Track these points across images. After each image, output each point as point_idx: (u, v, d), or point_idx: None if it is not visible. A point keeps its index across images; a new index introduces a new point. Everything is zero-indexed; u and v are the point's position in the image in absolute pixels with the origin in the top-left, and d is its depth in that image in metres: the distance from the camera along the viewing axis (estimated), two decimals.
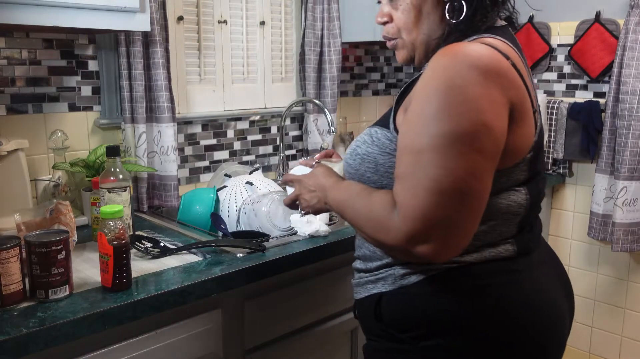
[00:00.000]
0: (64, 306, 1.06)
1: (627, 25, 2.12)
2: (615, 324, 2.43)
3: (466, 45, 0.87)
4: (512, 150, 0.88)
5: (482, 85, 0.82)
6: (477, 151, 0.82)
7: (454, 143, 0.82)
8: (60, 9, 1.30)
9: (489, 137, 0.83)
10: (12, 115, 1.58)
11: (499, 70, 0.84)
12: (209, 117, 2.04)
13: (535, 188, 0.96)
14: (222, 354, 1.30)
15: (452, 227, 0.83)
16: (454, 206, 0.82)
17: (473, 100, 0.82)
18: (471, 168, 0.82)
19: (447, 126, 0.82)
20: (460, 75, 0.83)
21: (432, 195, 0.82)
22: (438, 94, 0.83)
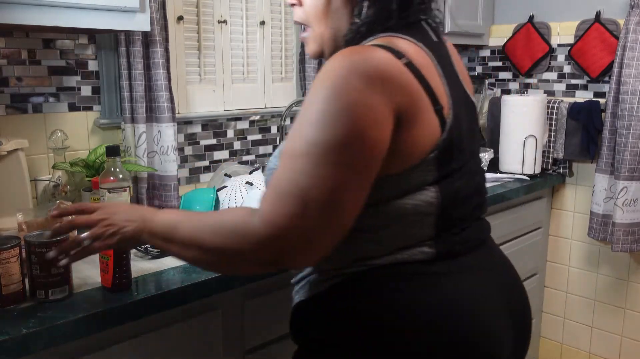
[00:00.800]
0: (63, 306, 1.06)
1: (627, 25, 2.12)
2: (615, 324, 2.43)
3: (355, 50, 0.85)
4: (405, 153, 0.85)
5: (362, 92, 0.80)
6: (348, 164, 0.80)
7: (327, 153, 0.79)
8: (60, 9, 1.30)
9: (362, 149, 0.80)
10: (12, 115, 1.58)
11: (383, 74, 0.82)
12: (209, 117, 2.04)
13: (451, 186, 0.90)
14: (222, 354, 1.30)
15: (311, 238, 0.80)
16: (315, 218, 0.79)
17: (350, 109, 0.79)
18: (340, 181, 0.79)
19: (322, 134, 0.79)
20: (342, 81, 0.80)
21: (297, 203, 0.79)
22: (319, 100, 0.81)
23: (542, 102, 2.30)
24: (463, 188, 0.93)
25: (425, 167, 0.87)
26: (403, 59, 0.85)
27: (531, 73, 2.53)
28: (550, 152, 2.41)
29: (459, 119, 0.92)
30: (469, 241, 0.95)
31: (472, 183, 0.96)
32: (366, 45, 0.88)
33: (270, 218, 0.80)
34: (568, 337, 2.57)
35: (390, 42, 0.88)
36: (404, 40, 0.89)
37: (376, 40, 0.89)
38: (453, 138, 0.89)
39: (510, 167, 2.33)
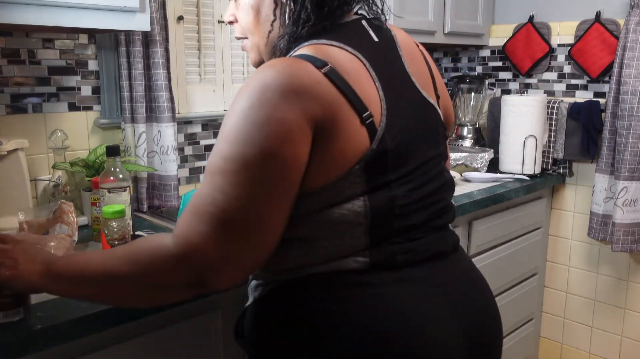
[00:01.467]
0: (64, 306, 1.06)
1: (628, 25, 2.12)
2: (615, 324, 2.43)
3: (272, 63, 0.82)
4: (330, 165, 0.82)
5: (275, 106, 0.78)
6: (262, 180, 0.78)
7: (241, 170, 0.78)
8: (60, 9, 1.30)
9: (276, 166, 0.78)
10: (12, 115, 1.58)
11: (297, 87, 0.79)
12: (209, 117, 2.04)
13: (384, 196, 0.86)
14: (222, 354, 1.30)
15: (228, 255, 0.78)
16: (231, 235, 0.77)
17: (263, 124, 0.77)
18: (255, 198, 0.78)
19: (236, 150, 0.78)
20: (257, 95, 0.79)
21: (211, 220, 0.77)
22: (235, 113, 0.80)
23: (542, 102, 2.30)
24: (406, 197, 0.89)
25: (352, 179, 0.84)
26: (324, 68, 0.82)
27: (531, 74, 2.53)
28: (550, 152, 2.41)
29: (400, 126, 0.87)
30: (417, 251, 0.91)
31: (422, 191, 0.91)
32: (286, 57, 0.86)
33: (185, 237, 0.78)
34: (568, 337, 2.57)
35: (315, 50, 0.85)
36: (330, 47, 0.86)
37: (302, 49, 0.87)
38: (387, 147, 0.85)
39: (510, 167, 2.33)
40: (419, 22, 2.27)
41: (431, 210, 0.94)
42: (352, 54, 0.87)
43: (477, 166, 2.30)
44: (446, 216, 0.98)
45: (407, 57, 0.98)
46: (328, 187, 0.84)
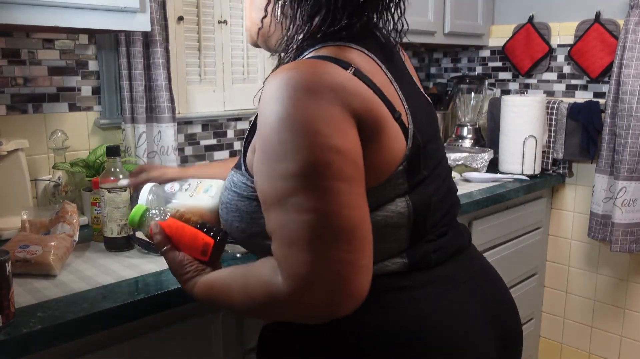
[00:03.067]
0: (64, 306, 1.06)
1: (627, 25, 2.12)
2: (615, 324, 2.43)
3: (291, 68, 0.77)
4: (378, 165, 0.80)
5: (314, 106, 0.73)
6: (337, 179, 0.73)
7: (311, 180, 0.72)
8: (60, 9, 1.30)
9: (343, 160, 0.73)
10: (12, 115, 1.58)
11: (331, 84, 0.75)
12: (209, 117, 2.04)
13: (422, 194, 0.86)
14: (222, 354, 1.30)
15: (347, 269, 0.72)
16: (339, 247, 0.72)
17: (311, 126, 0.72)
18: (340, 199, 0.72)
19: (296, 164, 0.72)
20: (288, 102, 0.73)
21: (311, 243, 0.71)
22: (274, 131, 0.74)
23: (542, 102, 2.30)
24: (435, 194, 0.89)
25: (396, 180, 0.83)
26: (350, 69, 0.80)
27: (531, 74, 2.53)
28: (550, 152, 2.41)
29: (420, 123, 0.87)
30: (445, 248, 0.91)
31: (443, 187, 0.92)
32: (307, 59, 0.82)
33: (293, 274, 0.73)
34: (568, 337, 2.57)
35: (335, 52, 0.83)
36: (349, 49, 0.84)
37: (320, 51, 0.84)
38: (418, 145, 0.85)
39: (510, 167, 2.33)
40: (419, 22, 2.27)
41: (450, 203, 0.94)
42: (368, 55, 0.86)
43: (477, 166, 2.30)
44: (457, 208, 0.99)
45: (406, 59, 1.00)
46: (376, 188, 0.81)
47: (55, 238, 1.26)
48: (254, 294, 0.79)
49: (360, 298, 0.74)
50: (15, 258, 1.18)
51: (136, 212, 0.98)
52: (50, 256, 1.19)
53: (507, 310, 0.99)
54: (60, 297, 1.10)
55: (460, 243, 0.95)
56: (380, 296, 0.84)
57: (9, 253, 1.00)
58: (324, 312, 0.74)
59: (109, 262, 1.30)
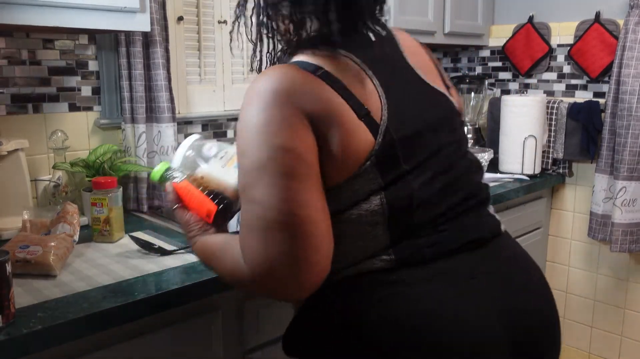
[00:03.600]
0: (64, 306, 1.06)
1: (627, 25, 2.12)
2: (615, 324, 2.43)
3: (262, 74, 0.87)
4: (339, 161, 0.84)
5: (269, 109, 0.82)
6: (285, 176, 0.79)
7: (261, 176, 0.80)
8: (60, 9, 1.30)
9: (292, 158, 0.80)
10: (12, 115, 1.58)
11: (287, 89, 0.83)
12: (209, 117, 2.04)
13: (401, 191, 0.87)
14: (222, 354, 1.30)
15: (295, 261, 0.79)
16: (286, 240, 0.79)
17: (262, 127, 0.81)
18: (287, 196, 0.79)
19: (250, 160, 0.82)
20: (251, 106, 0.84)
21: (261, 233, 0.80)
22: (242, 131, 0.85)
23: (541, 102, 2.30)
24: (425, 187, 0.89)
25: (366, 176, 0.86)
26: (318, 72, 0.86)
27: (531, 74, 2.53)
28: (550, 152, 2.41)
29: (403, 117, 0.89)
30: (446, 243, 0.89)
31: (443, 179, 0.91)
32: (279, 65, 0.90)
33: (249, 257, 0.82)
34: (568, 337, 2.57)
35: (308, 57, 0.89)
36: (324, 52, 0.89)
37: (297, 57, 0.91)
38: (393, 139, 0.86)
39: (510, 167, 2.33)
40: (419, 22, 2.27)
41: (459, 196, 0.93)
42: (346, 56, 0.90)
43: None
44: (477, 199, 0.96)
45: (409, 52, 0.99)
46: (344, 185, 0.86)
47: (55, 238, 1.26)
48: (227, 268, 0.90)
49: (312, 288, 0.82)
50: (15, 258, 1.18)
51: (160, 169, 1.09)
52: (50, 256, 1.20)
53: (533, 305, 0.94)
54: (60, 297, 1.10)
55: (475, 236, 0.92)
56: (373, 291, 0.87)
57: (9, 253, 1.01)
58: (280, 296, 0.86)
59: (109, 262, 1.30)
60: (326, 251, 0.82)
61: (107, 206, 1.44)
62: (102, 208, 1.43)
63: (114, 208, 1.45)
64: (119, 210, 1.48)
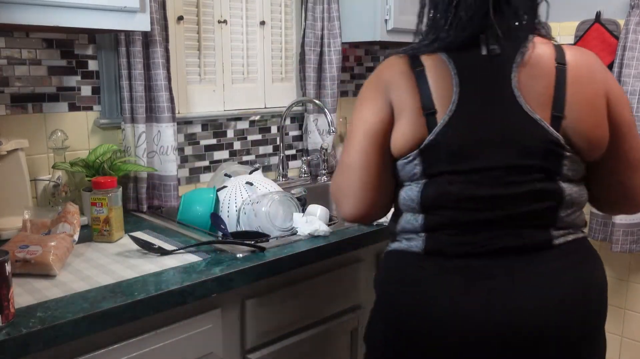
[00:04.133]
0: (64, 306, 1.06)
1: (628, 25, 2.12)
2: (615, 324, 2.43)
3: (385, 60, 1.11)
4: (398, 139, 1.04)
5: (368, 90, 1.10)
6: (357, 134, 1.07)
7: (348, 134, 1.11)
8: (60, 9, 1.30)
9: (365, 125, 1.07)
10: (12, 115, 1.58)
11: (383, 77, 1.08)
12: (209, 117, 2.04)
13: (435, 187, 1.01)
14: (222, 354, 1.30)
15: (343, 192, 1.10)
16: (342, 173, 1.11)
17: (360, 101, 1.10)
18: (355, 148, 1.07)
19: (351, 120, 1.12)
20: (364, 84, 1.12)
21: (339, 171, 1.13)
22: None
23: None
24: (461, 193, 0.99)
25: (413, 160, 1.03)
26: (417, 68, 1.04)
27: None
28: None
29: (469, 128, 1.00)
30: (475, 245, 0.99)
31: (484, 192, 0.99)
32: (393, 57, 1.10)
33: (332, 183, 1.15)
34: None
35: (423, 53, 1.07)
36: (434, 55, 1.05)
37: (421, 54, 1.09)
38: (443, 142, 0.99)
39: None
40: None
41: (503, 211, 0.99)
42: (446, 64, 1.03)
43: None
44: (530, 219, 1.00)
45: (525, 75, 1.01)
46: (401, 163, 1.05)
47: (55, 238, 1.26)
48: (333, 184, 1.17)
49: (348, 217, 1.11)
50: (15, 258, 1.18)
51: None
52: (49, 256, 1.19)
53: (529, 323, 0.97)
54: (60, 297, 1.10)
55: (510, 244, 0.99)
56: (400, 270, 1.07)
57: (9, 253, 1.01)
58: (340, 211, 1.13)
59: (109, 262, 1.30)
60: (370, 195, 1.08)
61: (106, 206, 1.43)
62: (102, 208, 1.43)
63: (114, 208, 1.45)
64: (119, 210, 1.48)
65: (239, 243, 1.41)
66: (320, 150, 2.28)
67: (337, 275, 1.53)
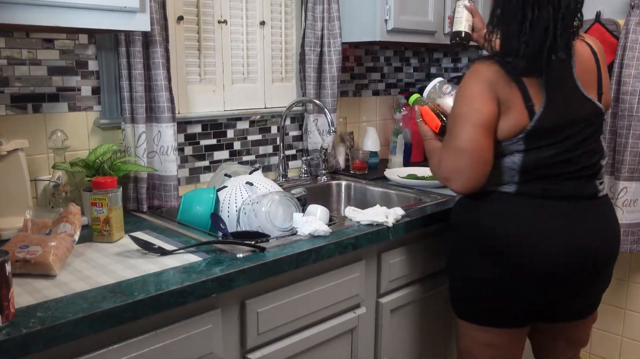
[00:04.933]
0: (64, 306, 1.06)
1: (628, 25, 2.12)
2: (615, 324, 2.43)
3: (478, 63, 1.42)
4: (503, 129, 1.39)
5: (474, 85, 1.39)
6: (470, 123, 1.38)
7: (458, 118, 1.41)
8: (60, 9, 1.30)
9: (477, 114, 1.37)
10: (12, 115, 1.58)
11: (486, 75, 1.38)
12: (209, 117, 2.04)
13: (535, 156, 1.39)
14: (222, 354, 1.30)
15: (459, 171, 1.42)
16: (461, 161, 1.41)
17: (467, 96, 1.41)
18: (466, 134, 1.39)
19: (458, 110, 1.42)
20: (467, 81, 1.42)
21: (451, 153, 1.44)
22: (460, 89, 1.44)
23: None
24: (551, 157, 1.39)
25: (516, 142, 1.39)
26: (514, 73, 1.36)
27: None
28: None
29: (554, 114, 1.36)
30: (554, 190, 1.40)
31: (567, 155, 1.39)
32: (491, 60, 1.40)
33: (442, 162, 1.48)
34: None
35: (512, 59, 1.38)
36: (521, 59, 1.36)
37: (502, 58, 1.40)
38: (541, 126, 1.36)
39: None
40: (419, 22, 2.27)
41: (575, 167, 1.41)
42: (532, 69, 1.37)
43: None
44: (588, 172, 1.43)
45: (580, 67, 1.43)
46: (504, 143, 1.40)
47: (55, 238, 1.26)
48: (433, 163, 1.56)
49: (462, 191, 1.47)
50: (15, 258, 1.18)
51: (413, 97, 1.76)
52: (50, 256, 1.19)
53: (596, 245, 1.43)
54: (60, 297, 1.10)
55: (576, 192, 1.42)
56: (496, 201, 1.45)
57: (9, 253, 1.01)
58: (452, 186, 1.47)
59: (109, 262, 1.30)
60: (480, 173, 1.41)
61: (106, 206, 1.43)
62: (102, 208, 1.43)
63: (114, 208, 1.45)
64: (119, 210, 1.48)
65: (239, 243, 1.41)
66: (320, 150, 2.28)
67: (337, 275, 1.53)
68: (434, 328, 1.93)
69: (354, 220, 1.63)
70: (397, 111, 2.60)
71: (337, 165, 2.42)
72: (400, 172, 2.27)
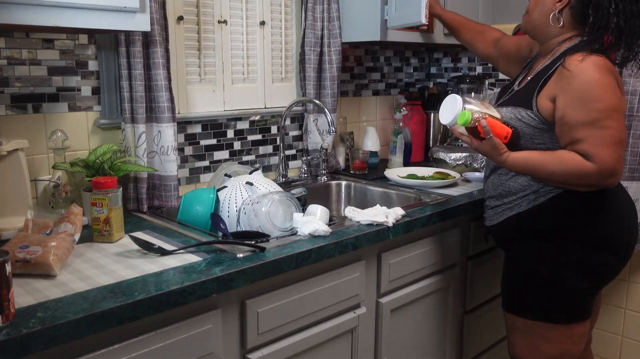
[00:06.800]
0: (64, 306, 1.06)
1: None
2: (615, 324, 2.43)
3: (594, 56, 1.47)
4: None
5: (608, 78, 1.46)
6: (621, 114, 1.47)
7: (613, 112, 1.45)
8: (60, 9, 1.30)
9: (622, 105, 1.49)
10: (12, 115, 1.58)
11: (612, 69, 1.48)
12: (209, 117, 2.04)
13: None
14: (222, 354, 1.30)
15: (622, 163, 1.48)
16: (622, 151, 1.46)
17: (609, 87, 1.46)
18: (622, 126, 1.47)
19: (606, 104, 1.44)
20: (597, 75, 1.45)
21: (614, 145, 1.45)
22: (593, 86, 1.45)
23: None
24: None
25: None
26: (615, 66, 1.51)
27: None
28: None
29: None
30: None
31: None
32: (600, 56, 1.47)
33: (605, 159, 1.44)
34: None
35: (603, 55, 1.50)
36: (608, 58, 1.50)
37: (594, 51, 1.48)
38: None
39: None
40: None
41: None
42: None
43: (477, 166, 2.30)
44: None
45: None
46: None
47: (55, 238, 1.26)
48: (568, 165, 1.49)
49: (616, 182, 1.51)
50: (15, 258, 1.18)
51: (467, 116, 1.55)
52: (50, 257, 1.19)
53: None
54: (60, 297, 1.10)
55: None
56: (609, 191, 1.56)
57: (9, 253, 1.01)
58: (603, 184, 1.50)
59: (109, 262, 1.30)
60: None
61: (107, 206, 1.44)
62: (102, 208, 1.43)
63: (114, 208, 1.45)
64: (119, 210, 1.48)
65: (239, 243, 1.41)
66: (320, 150, 2.28)
67: (337, 275, 1.53)
68: (434, 328, 1.93)
69: (354, 220, 1.63)
70: (397, 111, 2.60)
71: (337, 165, 2.42)
72: (400, 172, 2.27)
